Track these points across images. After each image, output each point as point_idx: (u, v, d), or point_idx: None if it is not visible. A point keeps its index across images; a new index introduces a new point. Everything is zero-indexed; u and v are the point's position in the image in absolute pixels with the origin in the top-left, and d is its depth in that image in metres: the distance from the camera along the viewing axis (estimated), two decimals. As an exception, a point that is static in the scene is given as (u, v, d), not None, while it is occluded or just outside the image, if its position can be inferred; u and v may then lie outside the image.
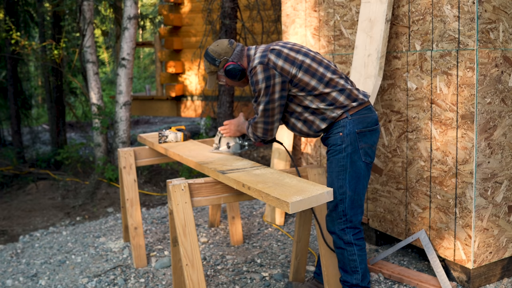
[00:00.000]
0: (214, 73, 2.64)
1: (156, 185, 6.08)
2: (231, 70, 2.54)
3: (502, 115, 2.71)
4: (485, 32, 2.59)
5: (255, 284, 3.09)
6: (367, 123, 2.46)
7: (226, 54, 2.56)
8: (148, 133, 4.03)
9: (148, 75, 19.07)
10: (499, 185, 2.76)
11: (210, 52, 2.58)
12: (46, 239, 4.33)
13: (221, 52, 2.56)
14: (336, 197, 2.45)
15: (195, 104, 8.65)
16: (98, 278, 3.30)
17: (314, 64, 2.46)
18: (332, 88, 2.44)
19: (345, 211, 2.46)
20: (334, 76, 2.47)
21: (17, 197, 6.22)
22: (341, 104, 2.44)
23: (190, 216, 2.41)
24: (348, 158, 2.43)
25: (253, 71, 2.43)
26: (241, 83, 2.66)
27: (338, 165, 2.45)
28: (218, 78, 2.67)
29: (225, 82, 2.67)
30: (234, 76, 2.56)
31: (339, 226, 2.48)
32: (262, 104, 2.44)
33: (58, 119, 8.65)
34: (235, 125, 2.83)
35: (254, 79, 2.42)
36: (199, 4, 8.19)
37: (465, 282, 2.81)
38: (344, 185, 2.44)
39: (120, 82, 6.00)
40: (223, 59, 2.56)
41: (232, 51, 2.56)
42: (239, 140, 2.88)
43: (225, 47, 2.57)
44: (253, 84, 2.44)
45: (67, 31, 8.57)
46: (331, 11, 3.66)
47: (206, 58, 2.61)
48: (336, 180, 2.46)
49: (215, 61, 2.57)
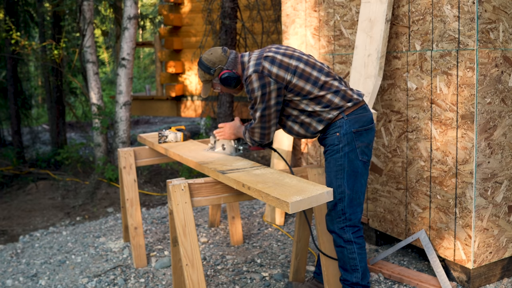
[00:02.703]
0: (209, 82, 2.66)
1: (156, 185, 6.08)
2: (227, 78, 2.56)
3: (502, 115, 2.71)
4: (485, 32, 2.59)
5: (255, 284, 3.09)
6: (363, 122, 2.49)
7: (221, 63, 2.57)
8: (148, 133, 4.03)
9: (148, 75, 19.07)
10: (499, 185, 2.76)
11: (204, 61, 2.60)
12: (46, 239, 4.33)
13: (215, 60, 2.57)
14: (335, 196, 2.47)
15: (195, 104, 8.65)
16: (98, 278, 3.30)
17: (308, 69, 2.48)
18: (327, 90, 2.46)
19: (344, 210, 2.48)
20: (328, 78, 2.49)
21: (17, 197, 6.22)
22: (336, 105, 2.45)
23: (190, 216, 2.41)
24: (346, 157, 2.45)
25: (248, 79, 2.44)
26: (236, 90, 2.68)
27: (336, 165, 2.47)
28: (213, 86, 2.68)
29: (220, 90, 2.69)
30: (229, 84, 2.58)
31: (338, 224, 2.50)
32: (259, 111, 2.47)
33: (58, 119, 8.65)
34: (230, 129, 2.86)
35: (250, 87, 2.44)
36: (199, 4, 8.19)
37: (465, 282, 2.81)
38: (342, 184, 2.46)
39: (120, 82, 6.00)
40: (218, 68, 2.57)
41: (226, 59, 2.57)
42: (235, 143, 2.88)
43: (219, 56, 2.58)
44: (249, 93, 2.46)
45: (67, 31, 8.57)
46: (331, 11, 3.66)
47: (200, 67, 2.62)
48: (334, 179, 2.48)
49: (210, 70, 2.58)
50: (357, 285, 2.54)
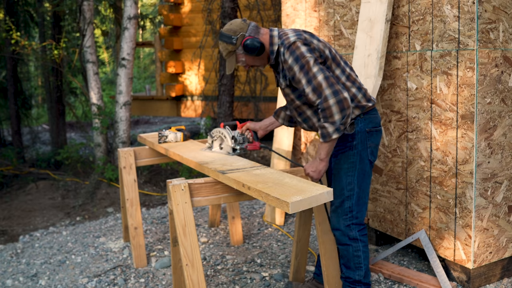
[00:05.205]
0: (232, 53, 2.49)
1: (156, 185, 6.08)
2: (250, 44, 2.41)
3: (502, 115, 2.71)
4: (485, 32, 2.59)
5: (255, 284, 3.09)
6: (375, 123, 2.52)
7: (242, 30, 2.45)
8: (148, 133, 4.03)
9: (148, 75, 19.07)
10: (499, 185, 2.75)
11: (224, 32, 2.47)
12: (46, 239, 4.33)
13: (236, 29, 2.46)
14: (344, 194, 2.48)
15: (195, 104, 8.64)
16: (98, 278, 3.30)
17: (338, 56, 2.47)
18: (352, 83, 2.46)
19: (352, 208, 2.49)
20: (352, 73, 2.50)
21: (17, 197, 6.21)
22: (358, 102, 2.45)
23: (190, 216, 2.41)
24: (358, 155, 2.46)
25: (293, 45, 2.34)
26: (261, 60, 2.52)
27: (348, 162, 2.47)
28: (237, 59, 2.53)
29: (245, 62, 2.52)
30: (253, 50, 2.42)
31: (344, 222, 2.50)
32: (318, 74, 2.27)
33: (58, 119, 8.65)
34: (316, 164, 2.43)
35: (297, 52, 2.32)
36: (199, 4, 8.19)
37: (465, 282, 2.81)
38: (352, 182, 2.47)
39: (120, 82, 6.00)
40: (240, 35, 2.44)
41: (247, 26, 2.46)
42: (232, 143, 2.88)
43: (239, 24, 2.47)
44: (298, 59, 2.31)
45: (67, 31, 8.57)
46: (331, 11, 3.66)
47: (221, 39, 2.48)
48: (344, 176, 2.48)
49: (232, 39, 2.44)
50: (359, 283, 2.55)
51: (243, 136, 2.87)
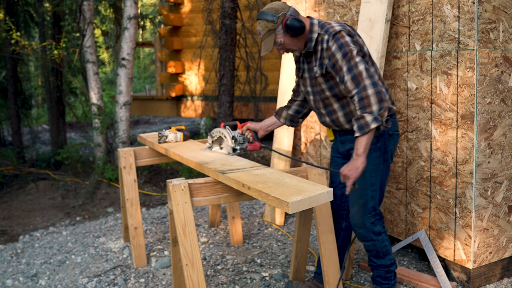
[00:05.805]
0: (271, 32, 2.43)
1: (156, 185, 6.08)
2: (291, 23, 2.39)
3: (502, 115, 2.71)
4: (485, 32, 2.59)
5: (255, 284, 3.09)
6: (396, 127, 2.58)
7: (284, 10, 2.44)
8: (148, 133, 4.03)
9: (148, 75, 19.07)
10: (499, 185, 2.75)
11: (266, 10, 2.45)
12: (46, 239, 4.33)
13: (278, 7, 2.44)
14: (368, 194, 2.53)
15: (195, 104, 8.64)
16: (98, 278, 3.30)
17: (370, 56, 2.51)
18: (382, 83, 2.49)
19: (375, 206, 2.58)
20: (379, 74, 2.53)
21: (17, 197, 6.21)
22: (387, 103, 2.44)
23: (190, 216, 2.41)
24: (381, 157, 2.53)
25: (338, 34, 2.37)
26: (298, 43, 2.48)
27: (373, 163, 2.49)
28: (275, 40, 2.46)
29: (283, 43, 2.47)
30: (294, 29, 2.39)
31: (369, 220, 2.57)
32: (360, 64, 2.28)
33: (58, 119, 8.64)
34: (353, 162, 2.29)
35: (342, 40, 2.34)
36: (199, 4, 8.19)
37: (465, 282, 2.81)
38: (376, 183, 2.54)
39: (120, 82, 6.00)
40: (281, 14, 2.42)
41: (288, 8, 2.46)
42: (232, 143, 2.88)
43: (281, 4, 2.47)
44: (342, 46, 2.33)
45: (67, 31, 8.56)
46: (331, 11, 3.66)
47: (262, 18, 2.44)
48: (369, 177, 2.51)
49: (274, 17, 2.41)
50: (393, 265, 2.67)
51: (243, 136, 2.87)
